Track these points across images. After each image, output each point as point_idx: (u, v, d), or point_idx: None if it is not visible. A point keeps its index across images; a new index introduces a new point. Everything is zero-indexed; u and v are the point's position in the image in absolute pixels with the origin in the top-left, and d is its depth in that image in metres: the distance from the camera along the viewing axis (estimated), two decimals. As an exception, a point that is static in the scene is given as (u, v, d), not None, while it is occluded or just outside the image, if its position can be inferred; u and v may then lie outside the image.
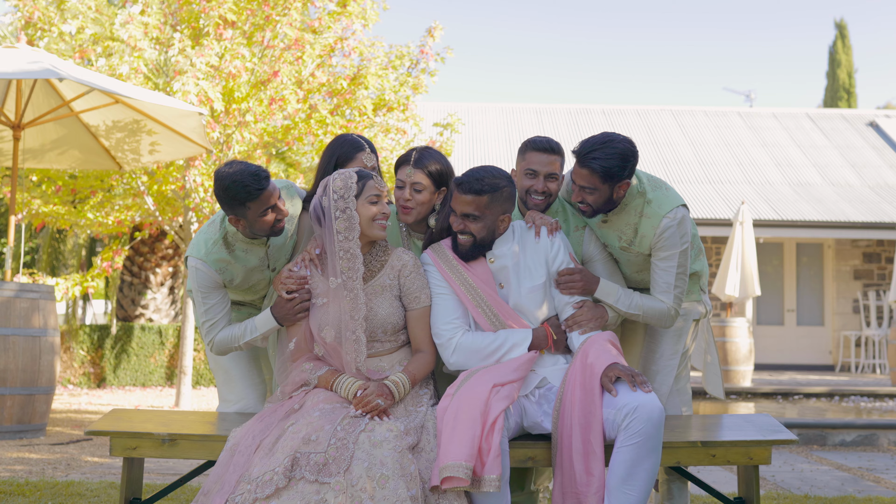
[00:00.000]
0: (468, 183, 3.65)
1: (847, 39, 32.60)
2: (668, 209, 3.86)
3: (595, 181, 3.74)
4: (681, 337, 4.16)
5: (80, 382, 13.76)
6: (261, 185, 3.66)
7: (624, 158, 3.72)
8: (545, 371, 3.68)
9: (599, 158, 3.70)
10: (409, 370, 3.62)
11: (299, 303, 3.69)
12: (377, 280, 3.70)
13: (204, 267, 3.84)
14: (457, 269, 3.75)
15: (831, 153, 21.16)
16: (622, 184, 3.79)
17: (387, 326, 3.66)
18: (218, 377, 4.23)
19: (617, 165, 3.71)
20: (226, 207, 3.73)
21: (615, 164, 3.70)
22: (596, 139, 3.76)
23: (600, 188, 3.75)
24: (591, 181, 3.74)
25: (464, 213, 3.68)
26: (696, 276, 4.22)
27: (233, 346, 3.88)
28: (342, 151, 4.10)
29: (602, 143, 3.73)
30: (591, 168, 3.71)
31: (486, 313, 3.70)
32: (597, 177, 3.72)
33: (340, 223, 3.58)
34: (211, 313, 3.88)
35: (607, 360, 3.50)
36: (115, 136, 8.61)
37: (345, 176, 3.64)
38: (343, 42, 10.37)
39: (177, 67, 8.77)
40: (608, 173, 3.71)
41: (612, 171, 3.70)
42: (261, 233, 3.78)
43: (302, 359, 3.69)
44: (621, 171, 3.73)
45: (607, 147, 3.71)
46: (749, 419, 4.00)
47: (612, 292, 3.81)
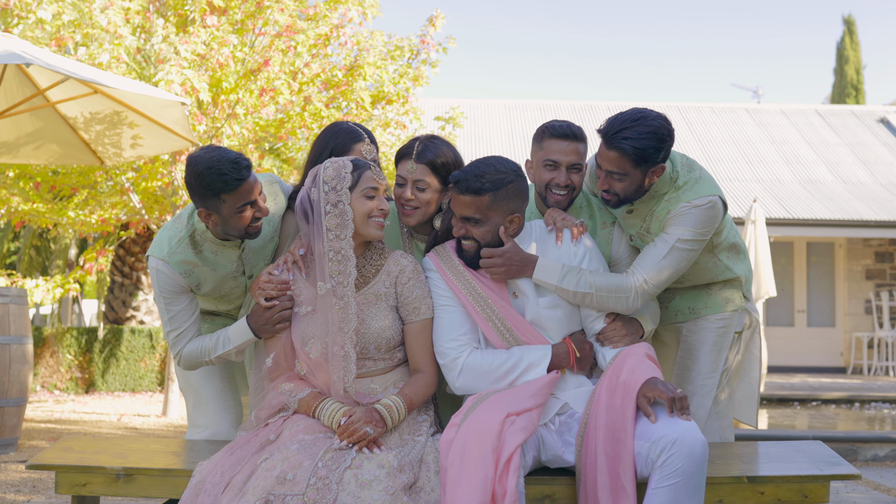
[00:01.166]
0: (466, 181, 3.13)
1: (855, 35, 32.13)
2: (693, 198, 3.33)
3: (625, 165, 3.21)
4: (721, 351, 3.63)
5: (66, 388, 13.22)
6: (240, 174, 3.14)
7: (659, 138, 3.20)
8: (567, 395, 3.15)
9: (630, 138, 3.17)
10: (405, 393, 3.10)
11: (279, 311, 3.17)
12: (371, 287, 3.18)
13: (166, 269, 3.33)
14: (464, 276, 3.22)
15: (842, 150, 20.79)
16: (656, 168, 3.26)
17: (380, 342, 3.13)
18: (187, 398, 3.70)
19: (651, 146, 3.18)
20: (196, 198, 3.21)
21: (649, 145, 3.18)
22: (626, 116, 3.23)
23: (631, 173, 3.23)
24: (620, 165, 3.22)
25: (464, 215, 3.17)
26: (737, 281, 3.68)
27: (202, 360, 3.36)
28: (337, 142, 3.57)
29: (633, 120, 3.20)
30: (620, 150, 3.19)
31: (497, 328, 3.17)
32: (627, 160, 3.20)
33: (331, 219, 3.06)
34: (176, 322, 3.37)
35: (644, 375, 2.96)
36: (94, 129, 8.08)
37: (338, 165, 3.12)
38: (339, 31, 9.81)
39: (160, 56, 8.23)
40: (641, 156, 3.18)
41: (645, 153, 3.18)
42: (234, 232, 3.27)
43: (281, 378, 3.17)
44: (656, 152, 3.20)
45: (639, 125, 3.18)
46: (799, 448, 3.46)
47: (553, 271, 3.20)
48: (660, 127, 3.20)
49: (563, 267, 3.22)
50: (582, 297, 3.22)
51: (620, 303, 3.25)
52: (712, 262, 3.61)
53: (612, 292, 3.23)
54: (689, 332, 3.68)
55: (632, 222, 3.48)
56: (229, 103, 9.09)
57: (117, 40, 8.32)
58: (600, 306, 3.26)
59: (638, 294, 3.26)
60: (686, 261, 3.34)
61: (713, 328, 3.65)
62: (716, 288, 3.68)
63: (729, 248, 3.63)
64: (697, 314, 3.68)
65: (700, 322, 3.67)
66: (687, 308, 3.70)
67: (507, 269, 3.18)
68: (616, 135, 3.19)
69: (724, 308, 3.66)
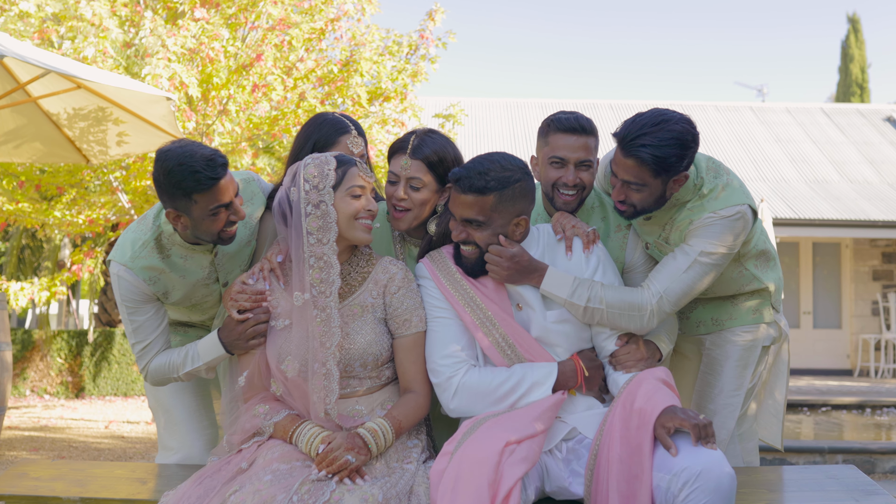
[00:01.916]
0: (468, 179, 2.80)
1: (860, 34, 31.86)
2: (720, 207, 3.01)
3: (644, 175, 2.88)
4: (746, 367, 3.29)
5: (56, 392, 12.90)
6: (215, 172, 2.81)
7: (682, 144, 2.86)
8: (575, 419, 2.82)
9: (650, 146, 2.83)
10: (392, 415, 2.78)
11: (254, 325, 2.84)
12: (357, 297, 2.86)
13: (128, 275, 3.00)
14: (461, 285, 2.90)
15: (848, 149, 20.56)
16: (678, 177, 2.93)
17: (366, 358, 2.81)
18: (157, 418, 3.38)
19: (674, 154, 2.85)
20: (165, 197, 2.88)
21: (671, 153, 2.84)
22: (644, 119, 2.88)
23: (650, 184, 2.90)
24: (638, 175, 2.89)
25: (465, 217, 2.84)
26: (766, 291, 3.35)
27: (170, 376, 3.04)
28: (321, 134, 3.24)
29: (654, 124, 2.85)
30: (638, 158, 2.85)
31: (497, 343, 2.85)
32: (646, 169, 2.87)
33: (312, 221, 2.74)
34: (141, 333, 3.04)
35: (662, 403, 2.62)
36: (78, 126, 7.74)
37: (320, 161, 2.80)
38: (335, 24, 9.47)
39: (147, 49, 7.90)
40: (662, 165, 2.85)
41: (666, 161, 2.85)
42: (205, 237, 2.94)
43: (255, 399, 2.85)
44: (678, 161, 2.87)
45: (660, 129, 2.84)
46: (830, 473, 3.13)
47: (564, 283, 2.88)
48: (683, 132, 2.87)
49: (574, 279, 2.90)
50: (591, 314, 2.90)
51: (634, 321, 2.93)
52: (738, 272, 3.28)
53: (626, 310, 2.91)
54: (713, 346, 3.36)
55: (649, 230, 3.16)
56: (220, 99, 8.76)
57: (103, 33, 7.99)
58: (611, 324, 2.94)
59: (654, 313, 2.94)
60: (709, 276, 3.02)
61: (739, 342, 3.32)
62: (742, 298, 3.35)
63: (758, 255, 3.30)
64: (721, 326, 3.35)
65: (724, 335, 3.34)
66: (710, 319, 3.37)
67: (510, 273, 2.86)
68: (634, 141, 2.86)
69: (751, 320, 3.33)
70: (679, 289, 2.97)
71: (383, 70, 9.73)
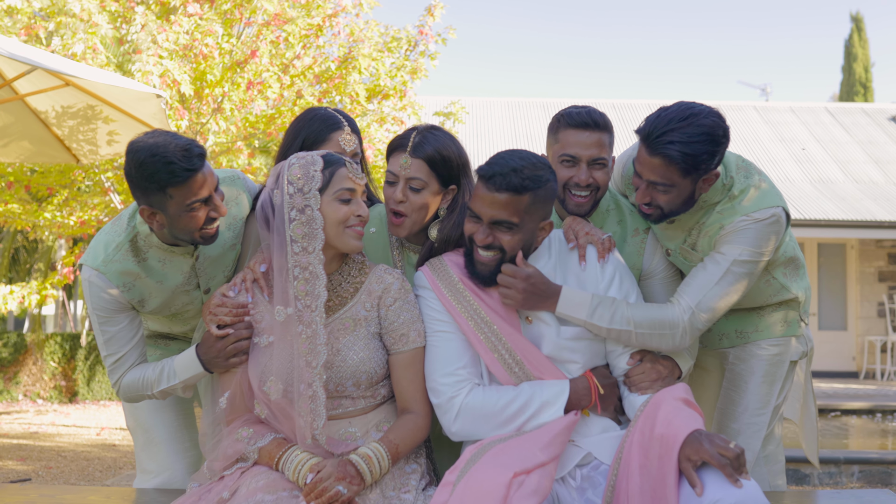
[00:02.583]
0: (503, 176, 2.54)
1: (863, 33, 31.63)
2: (753, 209, 2.76)
3: (672, 174, 2.64)
4: (773, 384, 3.04)
5: (50, 397, 12.65)
6: (191, 163, 2.55)
7: (713, 140, 2.62)
8: (590, 442, 2.57)
9: (679, 142, 2.59)
10: (389, 439, 2.53)
11: (234, 341, 2.59)
12: (348, 310, 2.62)
13: (100, 281, 2.74)
14: (463, 296, 2.65)
15: (853, 148, 20.39)
16: (708, 176, 2.69)
17: (360, 376, 2.57)
18: (135, 437, 3.13)
19: (704, 151, 2.61)
20: (138, 193, 2.62)
21: (702, 150, 2.60)
22: (671, 113, 2.64)
23: (678, 184, 2.66)
24: (665, 174, 2.64)
25: (495, 219, 2.57)
26: (794, 301, 3.10)
27: (144, 393, 2.79)
28: (311, 130, 3.00)
29: (681, 118, 2.61)
30: (666, 156, 2.61)
31: (503, 360, 2.60)
32: (675, 168, 2.62)
33: (297, 228, 2.49)
34: (113, 345, 2.79)
35: (685, 427, 2.36)
36: (67, 125, 7.50)
37: (305, 161, 2.55)
38: (332, 20, 9.21)
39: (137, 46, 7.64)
40: (692, 163, 2.61)
41: (697, 159, 2.60)
42: (184, 236, 2.68)
43: (238, 421, 2.60)
44: (709, 158, 2.63)
45: (690, 125, 2.60)
46: (865, 499, 2.88)
47: (581, 304, 2.64)
48: (713, 126, 2.63)
49: (592, 298, 2.65)
50: (617, 335, 2.66)
51: (665, 341, 2.69)
52: (766, 281, 3.03)
53: (656, 328, 2.67)
54: (737, 360, 3.10)
55: (671, 235, 2.91)
56: (214, 97, 8.51)
57: (92, 29, 7.74)
58: (640, 344, 2.69)
59: (686, 330, 2.70)
60: (744, 287, 2.77)
61: (765, 356, 3.06)
62: (769, 309, 3.10)
63: (786, 262, 3.05)
64: (746, 339, 3.09)
65: (749, 348, 3.08)
66: (734, 331, 3.11)
67: (525, 298, 2.62)
68: (661, 138, 2.62)
69: (778, 333, 3.08)
70: (712, 302, 2.73)
71: (382, 67, 9.47)
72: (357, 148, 3.04)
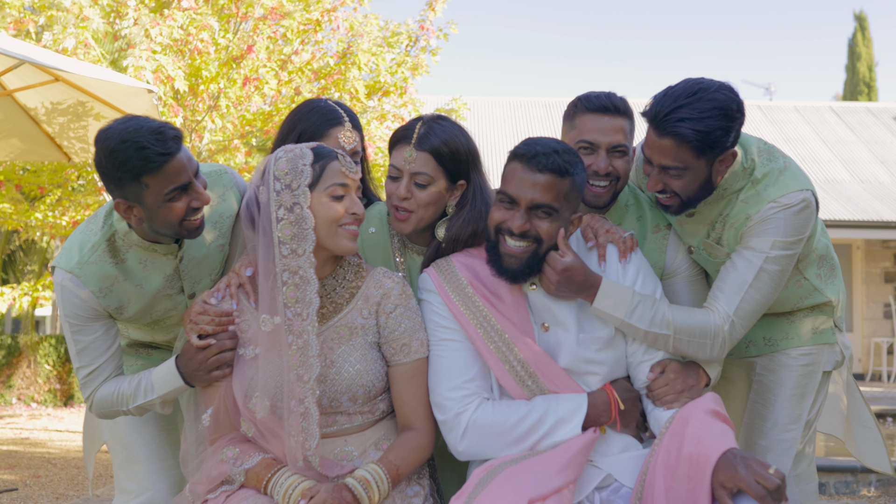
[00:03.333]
0: (546, 156, 2.34)
1: (867, 32, 31.49)
2: (780, 194, 2.53)
3: (685, 156, 2.42)
4: (805, 396, 2.79)
5: (44, 400, 12.43)
6: (166, 147, 2.32)
7: (727, 115, 2.41)
8: (610, 463, 2.34)
9: (689, 119, 2.38)
10: (389, 460, 2.31)
11: (217, 353, 2.37)
12: (343, 318, 2.39)
13: (74, 285, 2.51)
14: (472, 301, 2.42)
15: (858, 148, 20.24)
16: (725, 156, 2.47)
17: (356, 390, 2.35)
18: (114, 455, 2.91)
19: (718, 127, 2.39)
20: (111, 185, 2.39)
21: (715, 126, 2.39)
22: (678, 90, 2.43)
23: (693, 166, 2.44)
24: (677, 156, 2.42)
25: (536, 203, 2.35)
26: (828, 306, 2.86)
27: (119, 408, 2.57)
28: (308, 124, 2.78)
29: (690, 94, 2.40)
30: (677, 135, 2.39)
31: (515, 372, 2.38)
32: (687, 148, 2.40)
33: (285, 228, 2.27)
34: (87, 356, 2.56)
35: (717, 447, 2.13)
36: (58, 121, 7.29)
37: (294, 154, 2.32)
38: (331, 14, 8.98)
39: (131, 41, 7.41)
40: (705, 140, 2.39)
41: (710, 136, 2.39)
42: (165, 229, 2.45)
43: (223, 440, 2.37)
44: (724, 134, 2.41)
45: (699, 100, 2.39)
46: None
47: (622, 299, 2.42)
48: (726, 100, 2.41)
49: (633, 295, 2.43)
50: (654, 339, 2.44)
51: (703, 350, 2.47)
52: (796, 282, 2.78)
53: (696, 336, 2.46)
54: (765, 370, 2.85)
55: (692, 230, 2.68)
56: (210, 94, 8.28)
57: (83, 23, 7.52)
58: (674, 351, 2.48)
59: (725, 341, 2.48)
60: (779, 284, 2.55)
61: (796, 366, 2.81)
62: (800, 314, 2.85)
63: (820, 261, 2.82)
64: (775, 346, 2.84)
65: (779, 357, 2.83)
66: (762, 339, 2.87)
67: (558, 286, 2.40)
68: (669, 116, 2.40)
69: (809, 340, 2.84)
70: (749, 307, 2.51)
71: (382, 63, 9.24)
72: (358, 146, 2.81)
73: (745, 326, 2.53)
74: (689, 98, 2.40)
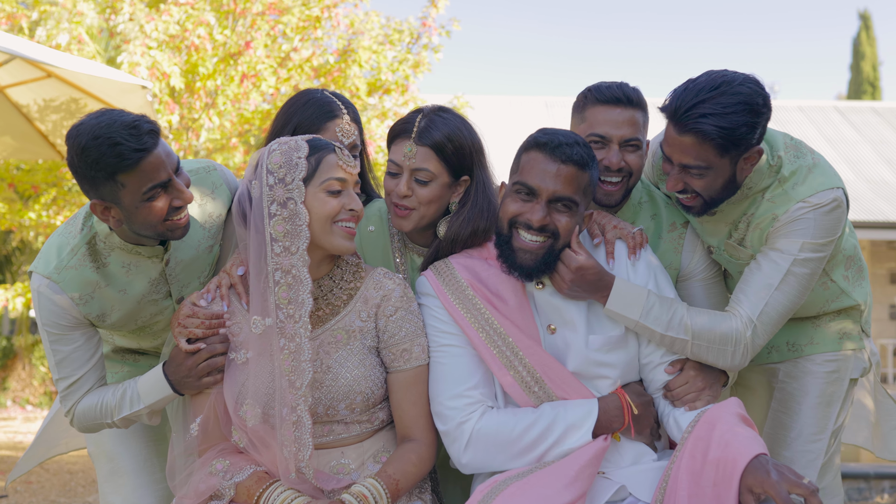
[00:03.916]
0: (569, 146, 2.22)
1: (871, 31, 31.39)
2: (810, 193, 2.39)
3: (707, 154, 2.27)
4: (830, 405, 2.64)
5: (40, 403, 12.30)
6: (141, 142, 2.16)
7: (752, 110, 2.26)
8: (624, 475, 2.19)
9: (713, 115, 2.23)
10: (388, 473, 2.16)
11: (207, 358, 2.22)
12: (340, 320, 2.24)
13: (52, 291, 2.35)
14: (473, 304, 2.28)
15: (863, 148, 20.13)
16: (749, 154, 2.32)
17: (354, 397, 2.20)
18: (98, 467, 2.76)
19: (743, 123, 2.25)
20: (86, 185, 2.24)
21: (739, 122, 2.24)
22: (700, 83, 2.28)
23: (716, 165, 2.29)
24: (699, 154, 2.28)
25: (557, 195, 2.22)
26: (855, 310, 2.70)
27: (102, 421, 2.41)
28: (304, 116, 2.61)
29: (713, 87, 2.26)
30: (699, 132, 2.24)
31: (521, 377, 2.23)
32: (710, 146, 2.26)
33: (278, 224, 2.13)
34: (67, 367, 2.40)
35: (746, 451, 2.00)
36: (51, 119, 7.16)
37: (288, 147, 2.18)
38: (331, 11, 8.83)
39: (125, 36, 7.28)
40: (730, 137, 2.24)
41: (735, 133, 2.24)
42: (146, 231, 2.29)
43: (213, 451, 2.23)
44: (749, 131, 2.27)
45: (723, 94, 2.25)
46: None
47: (636, 299, 2.28)
48: (751, 94, 2.27)
49: (649, 295, 2.29)
50: (670, 343, 2.31)
51: (723, 357, 2.33)
52: (822, 284, 2.63)
53: (716, 342, 2.31)
54: (788, 377, 2.69)
55: (713, 229, 2.53)
56: (207, 91, 8.13)
57: (77, 18, 7.38)
58: (692, 357, 2.33)
59: (748, 348, 2.34)
60: (806, 288, 2.41)
61: (821, 373, 2.65)
62: (826, 318, 2.70)
63: (847, 263, 2.66)
64: (799, 352, 2.69)
65: (803, 364, 2.67)
66: (785, 344, 2.71)
67: (571, 287, 2.27)
68: (691, 112, 2.25)
69: (836, 346, 2.67)
70: (774, 312, 2.36)
71: (383, 61, 9.09)
72: (357, 139, 2.65)
73: (769, 333, 2.38)
74: (711, 92, 2.26)
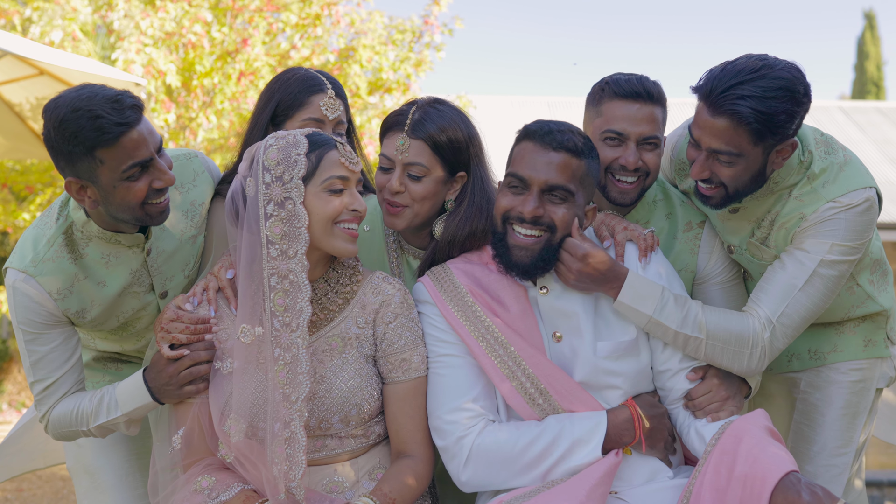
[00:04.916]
0: (561, 133, 2.11)
1: (876, 31, 31.17)
2: (841, 192, 2.25)
3: (741, 140, 2.13)
4: (856, 417, 2.49)
5: (37, 405, 12.15)
6: (123, 116, 2.04)
7: (793, 98, 2.12)
8: (637, 495, 2.05)
9: (751, 97, 2.09)
10: (383, 492, 2.03)
11: (191, 365, 2.08)
12: (336, 327, 2.11)
13: (28, 286, 2.21)
14: (473, 311, 2.14)
15: (869, 148, 19.84)
16: (783, 146, 2.18)
17: (349, 410, 2.06)
18: (78, 482, 2.62)
19: (782, 110, 2.10)
20: (62, 161, 2.11)
21: (779, 108, 2.10)
22: (739, 65, 2.14)
23: (748, 153, 2.15)
24: (733, 140, 2.13)
25: (550, 184, 2.10)
26: (881, 316, 2.55)
27: (78, 429, 2.27)
28: (286, 93, 2.46)
29: (753, 69, 2.12)
30: (736, 114, 2.10)
31: (524, 389, 2.10)
32: (744, 131, 2.12)
33: (275, 226, 1.99)
34: (42, 369, 2.26)
35: (777, 469, 1.87)
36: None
37: (286, 142, 2.04)
38: (332, 9, 8.68)
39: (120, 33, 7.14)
40: (767, 123, 2.10)
41: (773, 119, 2.10)
42: (124, 215, 2.16)
43: (197, 466, 2.09)
44: (788, 120, 2.12)
45: (763, 77, 2.10)
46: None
47: (650, 294, 2.15)
48: (793, 80, 2.13)
49: (664, 291, 2.15)
50: (683, 342, 2.17)
51: (738, 360, 2.20)
52: (848, 289, 2.48)
53: (731, 343, 2.18)
54: (811, 387, 2.54)
55: (735, 227, 2.38)
56: (204, 89, 7.99)
57: (71, 15, 7.24)
58: (705, 359, 2.19)
59: (765, 351, 2.21)
60: (832, 292, 2.27)
61: (846, 382, 2.50)
62: (850, 325, 2.54)
63: (873, 266, 2.51)
64: (823, 360, 2.54)
65: (826, 373, 2.52)
66: (807, 352, 2.56)
67: (579, 278, 2.14)
68: (727, 93, 2.11)
69: (861, 354, 2.52)
70: (796, 314, 2.23)
71: (385, 60, 8.94)
72: (342, 115, 2.49)
73: (789, 337, 2.24)
74: (751, 74, 2.12)
